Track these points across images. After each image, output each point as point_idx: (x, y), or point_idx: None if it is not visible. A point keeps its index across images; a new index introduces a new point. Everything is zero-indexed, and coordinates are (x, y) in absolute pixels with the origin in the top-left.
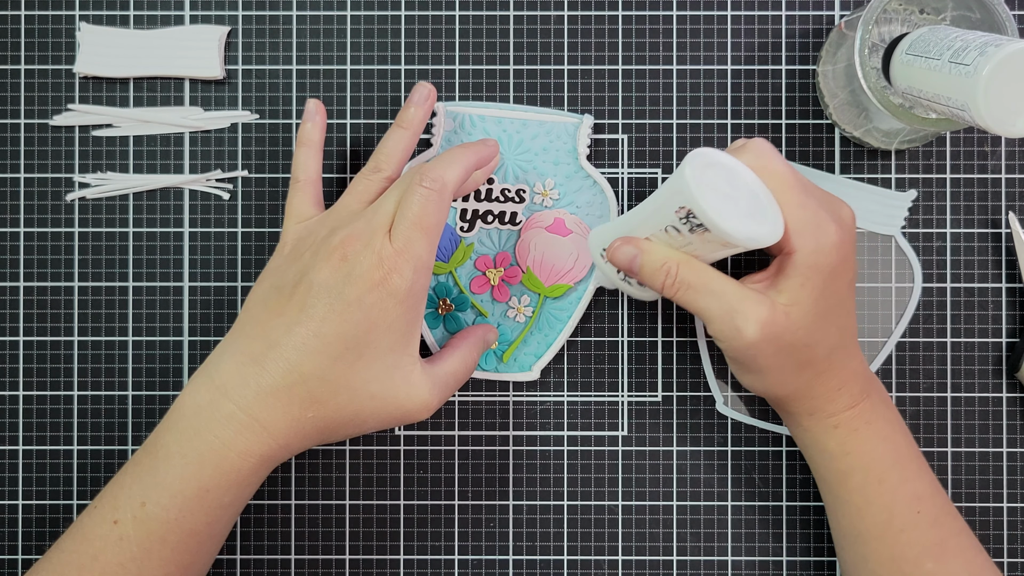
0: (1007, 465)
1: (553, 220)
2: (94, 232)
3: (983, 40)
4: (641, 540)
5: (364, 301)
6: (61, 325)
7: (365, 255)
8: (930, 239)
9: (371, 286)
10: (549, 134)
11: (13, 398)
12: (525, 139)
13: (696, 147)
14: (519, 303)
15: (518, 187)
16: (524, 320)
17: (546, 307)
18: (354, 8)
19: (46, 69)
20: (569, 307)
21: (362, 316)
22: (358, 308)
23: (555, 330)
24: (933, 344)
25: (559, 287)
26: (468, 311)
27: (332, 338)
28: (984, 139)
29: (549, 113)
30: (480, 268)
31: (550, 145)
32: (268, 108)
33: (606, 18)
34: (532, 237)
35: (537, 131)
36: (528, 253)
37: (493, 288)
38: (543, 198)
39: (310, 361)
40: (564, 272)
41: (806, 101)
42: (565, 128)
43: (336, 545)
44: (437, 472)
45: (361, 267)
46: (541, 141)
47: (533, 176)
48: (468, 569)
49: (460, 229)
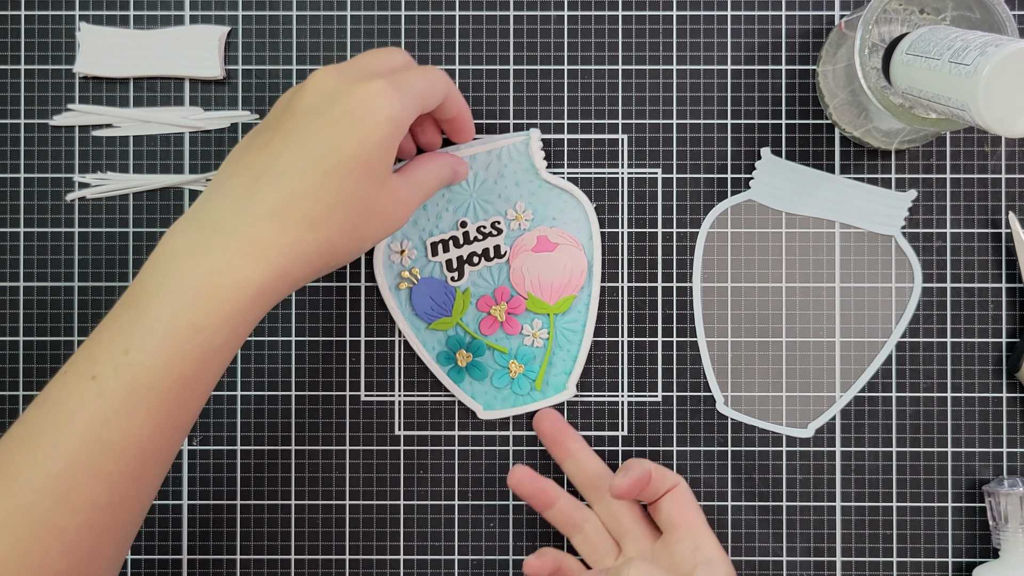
0: (1007, 465)
1: (536, 240)
2: (94, 232)
3: (983, 40)
4: None
5: (352, 115)
6: (61, 325)
7: (347, 81)
8: (930, 239)
9: (356, 102)
10: (500, 158)
11: (13, 398)
12: (479, 171)
13: (696, 147)
14: (532, 328)
15: (492, 220)
16: (543, 343)
17: (558, 323)
18: (354, 8)
19: (46, 69)
20: (580, 316)
21: (349, 128)
22: (346, 121)
23: (575, 342)
24: (933, 344)
25: (564, 301)
26: (486, 353)
27: (321, 152)
28: (984, 139)
29: (494, 140)
30: (483, 309)
31: (505, 169)
32: (268, 108)
33: (606, 18)
34: (523, 263)
35: (488, 159)
36: (524, 279)
37: (502, 324)
38: (518, 222)
39: (302, 179)
40: (563, 285)
41: (806, 101)
42: (516, 148)
43: (336, 545)
44: (437, 472)
45: (344, 88)
46: (495, 168)
47: (501, 204)
48: (468, 569)
49: (451, 280)
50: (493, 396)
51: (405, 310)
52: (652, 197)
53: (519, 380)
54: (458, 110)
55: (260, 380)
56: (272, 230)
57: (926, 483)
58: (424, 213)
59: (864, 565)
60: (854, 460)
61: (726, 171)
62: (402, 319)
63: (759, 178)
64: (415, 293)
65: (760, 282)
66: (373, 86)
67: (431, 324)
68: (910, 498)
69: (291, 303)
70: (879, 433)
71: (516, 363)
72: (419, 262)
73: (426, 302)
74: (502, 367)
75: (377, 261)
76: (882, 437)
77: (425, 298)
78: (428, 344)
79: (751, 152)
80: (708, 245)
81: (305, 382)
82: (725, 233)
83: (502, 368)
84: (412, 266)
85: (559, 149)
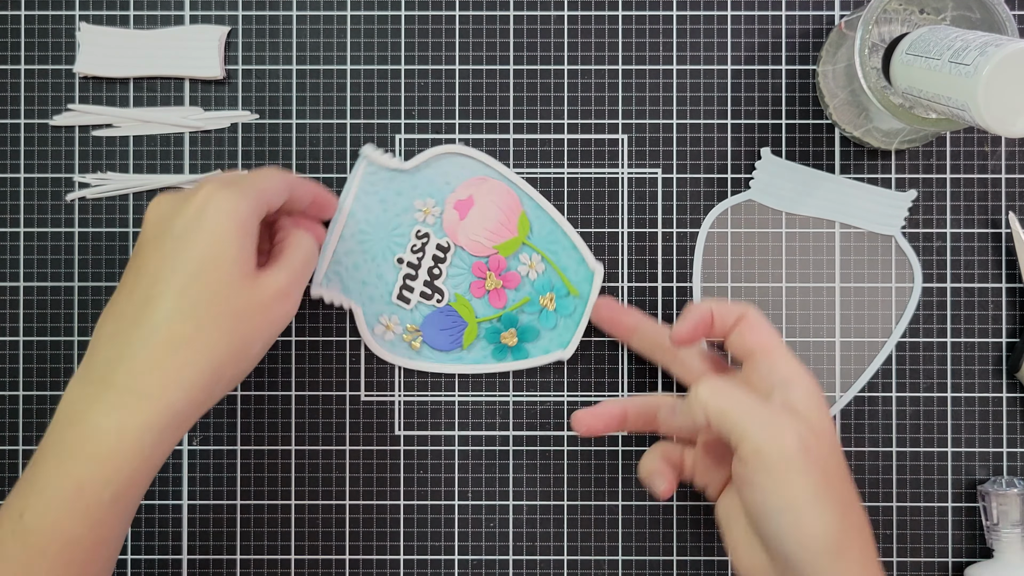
0: (1007, 465)
1: (455, 210)
2: (94, 232)
3: (983, 40)
4: (641, 540)
5: (191, 226)
6: (61, 325)
7: (179, 199)
8: (930, 239)
9: (192, 212)
10: (368, 193)
11: (13, 398)
12: (366, 216)
13: (696, 147)
14: (525, 265)
15: (414, 235)
16: (542, 264)
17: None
18: (354, 8)
19: (46, 69)
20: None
21: (192, 238)
22: (186, 234)
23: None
24: (933, 344)
25: (521, 221)
26: (519, 315)
27: (174, 273)
28: (984, 139)
29: (349, 188)
30: (479, 294)
31: (377, 196)
32: (268, 108)
33: (606, 18)
34: (464, 234)
35: (363, 203)
36: (478, 243)
37: (505, 288)
38: (429, 215)
39: (164, 307)
40: (506, 214)
41: (806, 101)
42: (368, 173)
43: (336, 545)
44: (437, 472)
45: (177, 206)
46: (371, 204)
47: (405, 219)
48: (468, 569)
49: (437, 300)
50: (551, 339)
51: (434, 355)
52: (652, 197)
53: (561, 304)
54: (311, 194)
55: (260, 380)
56: (153, 372)
57: (926, 483)
58: (367, 285)
59: None
60: (854, 460)
61: (726, 171)
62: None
63: (759, 178)
64: (429, 340)
65: (760, 282)
66: (204, 190)
67: (464, 345)
68: (910, 498)
69: None
70: (879, 433)
71: (543, 298)
72: (406, 316)
73: (443, 337)
74: (538, 310)
75: (380, 349)
76: (882, 437)
77: (439, 334)
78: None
79: (751, 152)
80: (708, 245)
81: (305, 382)
82: (725, 233)
83: (538, 311)
84: (405, 324)
85: (559, 149)
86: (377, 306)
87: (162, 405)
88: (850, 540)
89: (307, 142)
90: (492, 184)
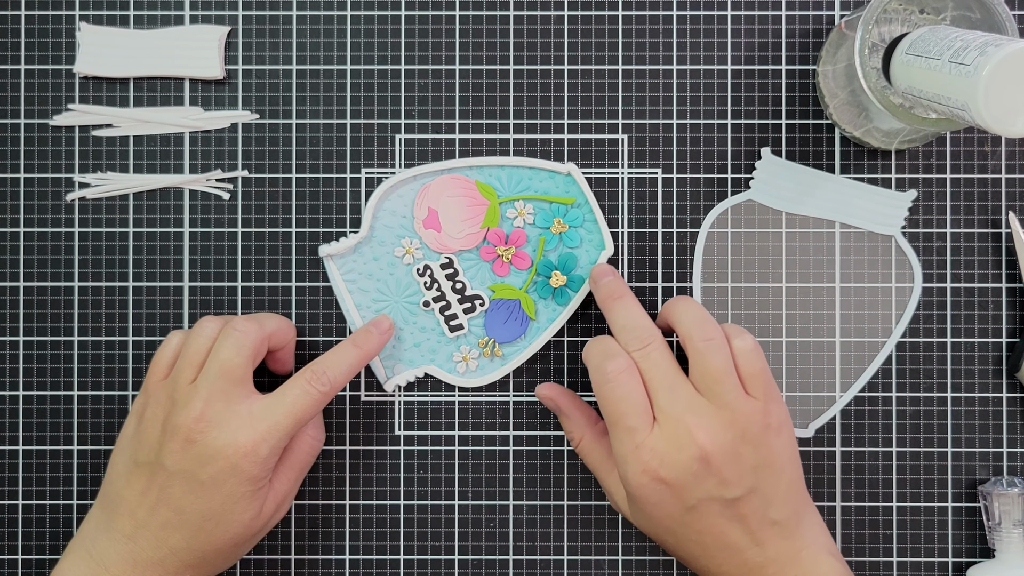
0: (1007, 465)
1: (424, 222)
2: (94, 232)
3: (983, 40)
4: (641, 540)
5: (217, 481)
6: (61, 325)
7: (219, 437)
8: (930, 239)
9: (225, 468)
10: (342, 271)
11: (13, 398)
12: (363, 269)
13: (696, 147)
14: (516, 211)
15: (422, 269)
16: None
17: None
18: (354, 8)
19: (46, 69)
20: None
21: (216, 492)
22: (212, 487)
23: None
24: (933, 344)
25: (489, 214)
26: (552, 274)
27: (192, 515)
28: (984, 139)
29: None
30: (502, 272)
31: (354, 275)
32: (268, 108)
33: (606, 18)
34: (448, 241)
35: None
36: (470, 238)
37: (518, 257)
38: (412, 253)
39: (175, 536)
40: (472, 203)
41: (806, 101)
42: (335, 261)
43: (336, 545)
44: (437, 472)
45: (214, 447)
46: (360, 280)
47: (404, 273)
48: (468, 569)
49: (480, 305)
50: (587, 252)
51: (519, 346)
52: (652, 197)
53: (571, 218)
54: (285, 334)
55: (260, 380)
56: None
57: (926, 483)
58: (420, 345)
59: (864, 565)
60: (854, 460)
61: (726, 171)
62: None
63: (759, 178)
64: (504, 339)
65: (760, 282)
66: (241, 449)
67: (533, 316)
68: (910, 498)
69: (291, 303)
70: (879, 433)
71: (553, 227)
72: (471, 339)
73: (511, 327)
74: (557, 239)
75: (475, 382)
76: (882, 437)
77: (506, 328)
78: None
79: (751, 152)
80: (708, 245)
81: None
82: (725, 233)
83: (558, 239)
84: (476, 344)
85: (559, 149)
86: (441, 354)
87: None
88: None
89: (307, 142)
90: (435, 185)
